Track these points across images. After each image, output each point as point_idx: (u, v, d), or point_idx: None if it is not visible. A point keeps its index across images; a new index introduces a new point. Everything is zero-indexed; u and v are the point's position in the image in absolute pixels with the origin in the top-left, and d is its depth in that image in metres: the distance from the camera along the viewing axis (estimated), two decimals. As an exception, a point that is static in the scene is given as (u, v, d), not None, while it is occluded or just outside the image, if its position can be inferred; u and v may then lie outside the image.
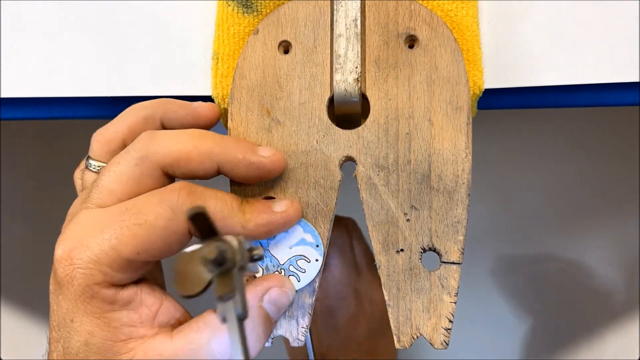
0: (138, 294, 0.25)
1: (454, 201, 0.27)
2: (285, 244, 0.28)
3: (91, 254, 0.24)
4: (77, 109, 0.33)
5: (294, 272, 0.28)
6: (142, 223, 0.24)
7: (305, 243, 0.28)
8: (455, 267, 0.27)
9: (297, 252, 0.28)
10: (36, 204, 0.61)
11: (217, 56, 0.30)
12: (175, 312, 0.26)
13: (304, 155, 0.28)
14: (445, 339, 0.27)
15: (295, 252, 0.28)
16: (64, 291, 0.24)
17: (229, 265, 0.19)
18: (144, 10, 0.32)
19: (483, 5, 0.30)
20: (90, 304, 0.24)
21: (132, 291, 0.25)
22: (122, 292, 0.24)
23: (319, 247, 0.28)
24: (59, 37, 0.32)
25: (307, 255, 0.28)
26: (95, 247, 0.24)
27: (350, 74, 0.28)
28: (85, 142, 0.29)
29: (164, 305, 0.25)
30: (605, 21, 0.29)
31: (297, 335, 0.27)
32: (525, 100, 0.31)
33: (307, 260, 0.28)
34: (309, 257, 0.28)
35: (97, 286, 0.24)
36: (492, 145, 0.58)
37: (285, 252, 0.28)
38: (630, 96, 0.30)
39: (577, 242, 0.62)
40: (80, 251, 0.24)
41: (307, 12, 0.29)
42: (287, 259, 0.28)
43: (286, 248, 0.28)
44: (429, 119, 0.28)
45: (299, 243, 0.28)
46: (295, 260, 0.28)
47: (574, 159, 0.61)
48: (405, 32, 0.28)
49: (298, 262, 0.28)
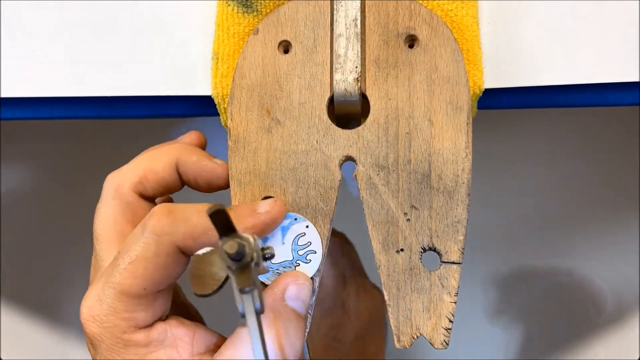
0: (168, 330, 0.25)
1: (454, 201, 0.27)
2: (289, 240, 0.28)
3: (107, 306, 0.24)
4: (77, 109, 0.33)
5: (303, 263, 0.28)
6: (134, 259, 0.24)
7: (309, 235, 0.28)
8: (455, 266, 0.27)
9: (304, 246, 0.28)
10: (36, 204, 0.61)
11: (217, 56, 0.30)
12: (212, 338, 0.26)
13: (304, 155, 0.28)
14: (446, 339, 0.27)
15: (302, 247, 0.28)
16: (99, 350, 0.25)
17: (248, 260, 0.20)
18: (144, 10, 0.32)
19: (483, 5, 0.30)
20: (127, 354, 0.25)
21: (162, 328, 0.25)
22: (151, 332, 0.25)
23: (317, 253, 0.28)
24: (59, 37, 0.32)
25: (312, 247, 0.28)
26: (107, 299, 0.24)
27: (350, 74, 0.28)
28: (86, 142, 0.29)
29: (197, 334, 0.26)
30: (605, 21, 0.29)
31: (297, 335, 0.28)
32: (525, 100, 0.31)
33: (314, 252, 0.28)
34: (315, 249, 0.28)
35: (125, 334, 0.24)
36: (492, 145, 0.58)
37: (291, 248, 0.28)
38: (630, 96, 0.30)
39: (577, 241, 0.62)
40: (98, 308, 0.24)
41: (307, 12, 0.29)
42: (290, 258, 0.28)
43: (290, 245, 0.28)
44: (429, 118, 0.28)
45: (306, 245, 0.28)
46: (304, 256, 0.28)
47: (573, 159, 0.61)
48: (405, 31, 0.28)
49: (307, 256, 0.28)
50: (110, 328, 0.24)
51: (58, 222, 0.26)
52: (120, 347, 0.25)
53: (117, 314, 0.24)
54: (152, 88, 0.31)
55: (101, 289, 0.25)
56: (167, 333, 0.25)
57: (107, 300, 0.24)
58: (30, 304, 0.57)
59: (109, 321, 0.24)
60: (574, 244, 0.62)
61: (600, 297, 0.61)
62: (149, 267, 0.24)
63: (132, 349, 0.25)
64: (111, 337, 0.25)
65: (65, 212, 0.27)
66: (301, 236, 0.28)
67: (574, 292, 0.62)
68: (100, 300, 0.25)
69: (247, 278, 0.20)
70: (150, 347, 0.25)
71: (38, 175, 0.62)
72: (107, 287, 0.24)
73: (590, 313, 0.61)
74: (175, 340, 0.25)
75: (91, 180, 0.33)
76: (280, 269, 0.27)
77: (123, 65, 0.31)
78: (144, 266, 0.24)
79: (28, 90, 0.31)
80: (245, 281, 0.20)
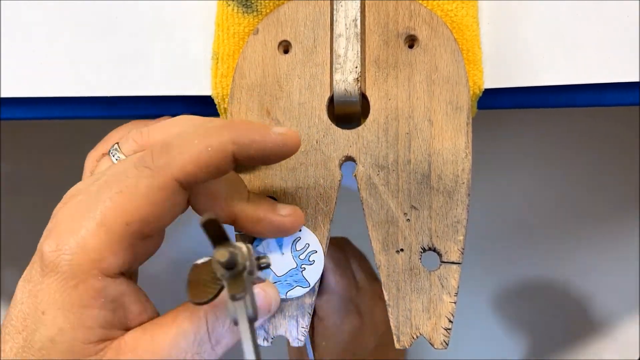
0: (124, 297, 0.23)
1: (454, 201, 0.27)
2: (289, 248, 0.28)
3: (78, 237, 0.22)
4: (77, 109, 0.33)
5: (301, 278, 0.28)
6: (122, 190, 0.22)
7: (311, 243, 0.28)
8: (455, 267, 0.27)
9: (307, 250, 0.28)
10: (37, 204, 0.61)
11: (217, 56, 0.30)
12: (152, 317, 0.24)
13: (304, 155, 0.28)
14: (445, 339, 0.27)
15: (305, 251, 0.28)
16: (45, 280, 0.22)
17: (240, 268, 0.20)
18: (144, 10, 0.32)
19: (483, 5, 0.30)
20: (71, 296, 0.22)
21: (119, 290, 0.23)
22: (109, 288, 0.22)
23: (317, 252, 0.28)
24: (59, 37, 0.32)
25: (311, 247, 0.28)
26: (81, 230, 0.22)
27: (350, 74, 0.28)
28: (86, 142, 0.29)
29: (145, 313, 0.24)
30: (605, 21, 0.29)
31: (297, 335, 0.28)
32: (525, 100, 0.31)
33: (314, 251, 0.28)
34: (317, 249, 0.28)
35: (84, 275, 0.22)
36: (492, 145, 0.58)
37: (296, 252, 0.28)
38: (630, 96, 0.30)
39: (576, 241, 0.62)
40: (67, 237, 0.22)
41: (307, 12, 0.29)
42: (294, 266, 0.28)
43: (290, 253, 0.28)
44: (429, 118, 0.28)
45: (304, 248, 0.28)
46: (307, 257, 0.28)
47: (573, 159, 0.61)
48: (405, 32, 0.28)
49: (310, 257, 0.28)
50: (71, 262, 0.21)
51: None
52: (69, 287, 0.22)
53: (85, 250, 0.22)
54: (152, 88, 0.31)
55: (77, 220, 0.22)
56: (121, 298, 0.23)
57: (82, 231, 0.22)
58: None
59: (74, 254, 0.22)
60: (574, 243, 0.62)
61: (600, 297, 0.61)
62: (138, 200, 0.22)
63: (79, 293, 0.22)
64: (66, 272, 0.21)
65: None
66: (297, 241, 0.28)
67: (574, 292, 0.62)
68: (71, 231, 0.22)
69: (239, 286, 0.20)
70: (96, 301, 0.22)
71: (38, 175, 0.62)
72: (85, 217, 0.22)
73: (590, 313, 0.61)
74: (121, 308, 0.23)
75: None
76: (288, 279, 0.27)
77: (123, 65, 0.31)
78: (132, 198, 0.22)
79: (28, 90, 0.31)
80: (237, 289, 0.20)
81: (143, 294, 0.24)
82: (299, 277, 0.27)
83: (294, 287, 0.27)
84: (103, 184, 0.23)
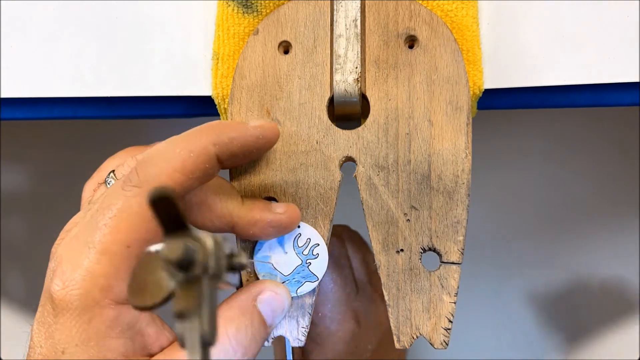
0: (139, 322, 0.23)
1: (454, 201, 0.27)
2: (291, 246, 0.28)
3: (82, 270, 0.21)
4: (77, 109, 0.33)
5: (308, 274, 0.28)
6: (115, 214, 0.22)
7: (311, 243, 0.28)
8: (455, 267, 0.27)
9: (303, 244, 0.28)
10: (37, 204, 0.61)
11: (217, 56, 0.30)
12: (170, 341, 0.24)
13: (304, 156, 0.28)
14: (445, 339, 0.27)
15: (306, 252, 0.28)
16: (59, 319, 0.22)
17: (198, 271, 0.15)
18: (144, 10, 0.32)
19: (483, 5, 0.30)
20: (87, 330, 0.21)
21: (134, 317, 0.22)
22: (123, 316, 0.22)
23: (320, 244, 0.28)
24: (59, 37, 0.32)
25: (313, 241, 0.28)
26: (84, 262, 0.21)
27: (350, 74, 0.28)
28: (86, 142, 0.29)
29: (163, 335, 0.23)
30: (605, 21, 0.29)
31: (298, 335, 0.28)
32: (525, 100, 0.31)
33: (316, 244, 0.28)
34: (316, 242, 0.28)
35: (96, 306, 0.21)
36: (492, 145, 0.58)
37: (295, 255, 0.28)
38: (630, 96, 0.30)
39: (576, 242, 0.62)
40: (72, 273, 0.22)
41: (307, 12, 0.29)
42: (299, 263, 0.28)
43: (293, 251, 0.28)
44: (428, 119, 0.28)
45: (306, 243, 0.28)
46: (311, 252, 0.28)
47: (573, 159, 0.61)
48: (405, 32, 0.28)
49: (314, 251, 0.28)
50: (81, 295, 0.21)
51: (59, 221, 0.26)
52: (84, 321, 0.21)
53: (94, 279, 0.21)
54: (152, 88, 0.31)
55: (77, 253, 0.22)
56: (137, 324, 0.22)
57: (85, 263, 0.21)
58: (30, 304, 0.57)
59: (82, 287, 0.21)
60: (573, 243, 0.62)
61: (600, 297, 0.61)
62: (134, 220, 0.21)
63: (96, 326, 0.21)
64: (78, 307, 0.21)
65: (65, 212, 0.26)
66: (298, 237, 0.28)
67: (574, 292, 0.62)
68: (75, 265, 0.21)
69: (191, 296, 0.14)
70: (114, 331, 0.22)
71: (38, 175, 0.62)
72: (85, 248, 0.21)
73: (591, 313, 0.61)
74: (139, 334, 0.23)
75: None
76: (296, 276, 0.27)
77: (123, 65, 0.31)
78: (128, 220, 0.21)
79: (28, 90, 0.31)
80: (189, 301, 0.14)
81: (157, 316, 0.24)
82: (306, 272, 0.27)
83: (302, 283, 0.27)
84: (96, 212, 0.22)
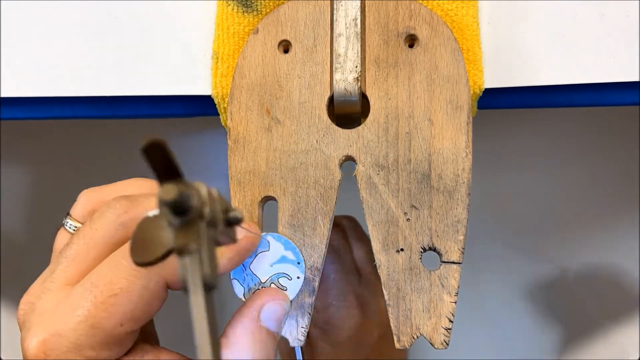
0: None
1: (454, 200, 0.27)
2: (266, 262, 0.27)
3: (68, 342, 0.21)
4: (77, 109, 0.33)
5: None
6: (117, 293, 0.21)
7: (286, 260, 0.27)
8: (455, 266, 0.27)
9: (278, 269, 0.27)
10: (36, 204, 0.61)
11: (217, 56, 0.30)
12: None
13: (304, 155, 0.28)
14: (446, 339, 0.27)
15: (277, 269, 0.27)
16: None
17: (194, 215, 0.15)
18: (144, 10, 0.32)
19: (483, 5, 0.30)
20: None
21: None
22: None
23: (300, 264, 0.27)
24: (59, 37, 0.32)
25: (288, 273, 0.27)
26: (71, 333, 0.21)
27: (350, 73, 0.28)
28: (86, 142, 0.29)
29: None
30: (605, 21, 0.29)
31: (297, 335, 0.27)
32: (525, 100, 0.31)
33: (288, 277, 0.27)
34: (290, 275, 0.27)
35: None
36: (492, 145, 0.58)
37: (267, 270, 0.27)
38: (630, 96, 0.30)
39: (576, 242, 0.62)
40: (55, 342, 0.21)
41: (307, 11, 0.29)
42: (268, 277, 0.27)
43: (267, 266, 0.27)
44: (429, 118, 0.28)
45: (279, 261, 0.27)
46: (276, 278, 0.27)
47: (573, 159, 0.61)
48: (405, 31, 0.28)
49: (279, 279, 0.27)
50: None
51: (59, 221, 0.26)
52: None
53: (80, 350, 0.21)
54: (151, 88, 0.31)
55: (62, 320, 0.21)
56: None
57: (72, 335, 0.21)
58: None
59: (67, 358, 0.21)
60: (573, 243, 0.62)
61: (600, 297, 0.61)
62: (132, 302, 0.22)
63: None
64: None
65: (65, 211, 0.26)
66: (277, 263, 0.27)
67: (574, 292, 0.62)
68: (59, 334, 0.21)
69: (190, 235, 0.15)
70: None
71: (38, 175, 0.62)
72: (73, 319, 0.21)
73: (591, 313, 0.61)
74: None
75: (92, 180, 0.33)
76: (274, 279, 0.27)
77: (123, 65, 0.31)
78: (127, 301, 0.21)
79: (28, 90, 0.31)
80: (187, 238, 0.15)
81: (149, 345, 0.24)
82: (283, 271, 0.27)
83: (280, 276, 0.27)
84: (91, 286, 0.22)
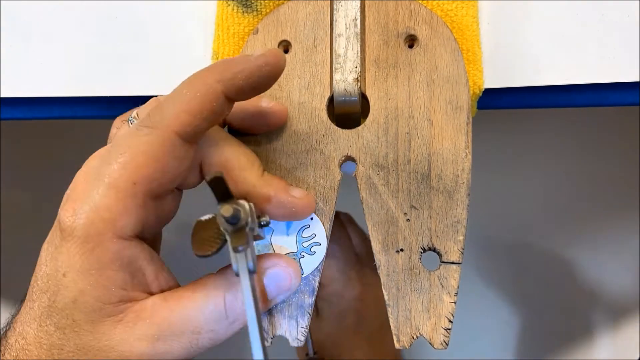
0: (139, 260, 0.24)
1: (454, 201, 0.27)
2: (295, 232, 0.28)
3: (91, 201, 0.23)
4: (77, 109, 0.33)
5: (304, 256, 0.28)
6: (126, 151, 0.23)
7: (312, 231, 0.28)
8: (455, 267, 0.27)
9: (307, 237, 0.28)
10: (36, 203, 0.61)
11: (217, 56, 0.30)
12: (169, 282, 0.25)
13: (304, 155, 0.28)
14: (445, 339, 0.27)
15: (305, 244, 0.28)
16: (64, 244, 0.23)
17: (242, 223, 0.22)
18: (144, 10, 0.32)
19: (483, 5, 0.30)
20: (89, 259, 0.23)
21: (134, 253, 0.24)
22: (125, 251, 0.23)
23: (321, 245, 0.28)
24: (58, 37, 0.32)
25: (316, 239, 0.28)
26: (93, 193, 0.23)
27: (350, 74, 0.28)
28: (85, 142, 0.29)
29: (161, 275, 0.25)
30: (605, 21, 0.29)
31: (297, 335, 0.27)
32: (525, 100, 0.31)
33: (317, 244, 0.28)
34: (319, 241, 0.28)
35: (99, 238, 0.23)
36: (492, 145, 0.59)
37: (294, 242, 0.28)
38: (630, 96, 0.30)
39: (576, 242, 0.62)
40: (82, 202, 0.23)
41: (307, 11, 0.29)
42: (294, 250, 0.28)
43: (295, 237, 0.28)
44: (428, 118, 0.28)
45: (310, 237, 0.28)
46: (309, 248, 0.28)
47: (573, 159, 0.61)
48: (405, 31, 0.28)
49: (312, 248, 0.28)
50: (86, 225, 0.22)
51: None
52: (87, 250, 0.23)
53: (99, 212, 0.22)
54: (152, 88, 0.31)
55: (89, 184, 0.23)
56: (137, 261, 0.24)
57: (94, 196, 0.23)
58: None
59: (88, 218, 0.22)
60: (573, 244, 0.62)
61: (600, 297, 0.61)
62: (141, 158, 0.23)
63: (97, 256, 0.23)
64: (82, 235, 0.22)
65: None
66: (306, 228, 0.28)
67: (574, 292, 0.62)
68: (85, 196, 0.23)
69: (241, 239, 0.22)
70: (114, 264, 0.23)
71: (38, 175, 0.62)
72: (96, 181, 0.23)
73: (590, 313, 0.61)
74: (138, 271, 0.24)
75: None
76: None
77: (123, 65, 0.31)
78: (136, 159, 0.23)
79: (28, 90, 0.31)
80: (239, 242, 0.22)
81: (158, 258, 0.25)
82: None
83: None
84: (111, 148, 0.24)
